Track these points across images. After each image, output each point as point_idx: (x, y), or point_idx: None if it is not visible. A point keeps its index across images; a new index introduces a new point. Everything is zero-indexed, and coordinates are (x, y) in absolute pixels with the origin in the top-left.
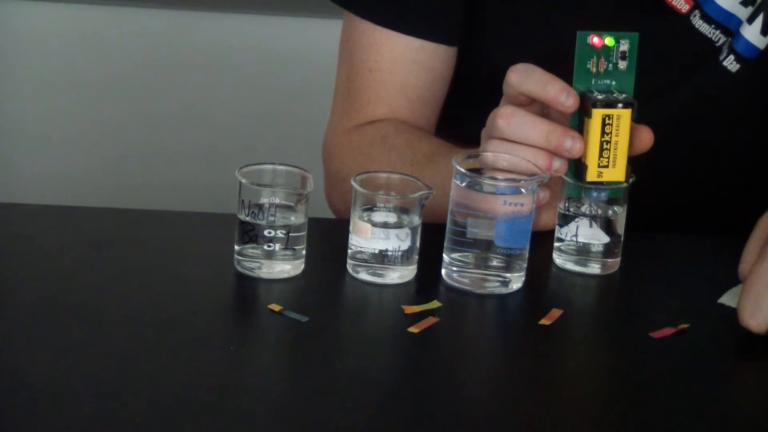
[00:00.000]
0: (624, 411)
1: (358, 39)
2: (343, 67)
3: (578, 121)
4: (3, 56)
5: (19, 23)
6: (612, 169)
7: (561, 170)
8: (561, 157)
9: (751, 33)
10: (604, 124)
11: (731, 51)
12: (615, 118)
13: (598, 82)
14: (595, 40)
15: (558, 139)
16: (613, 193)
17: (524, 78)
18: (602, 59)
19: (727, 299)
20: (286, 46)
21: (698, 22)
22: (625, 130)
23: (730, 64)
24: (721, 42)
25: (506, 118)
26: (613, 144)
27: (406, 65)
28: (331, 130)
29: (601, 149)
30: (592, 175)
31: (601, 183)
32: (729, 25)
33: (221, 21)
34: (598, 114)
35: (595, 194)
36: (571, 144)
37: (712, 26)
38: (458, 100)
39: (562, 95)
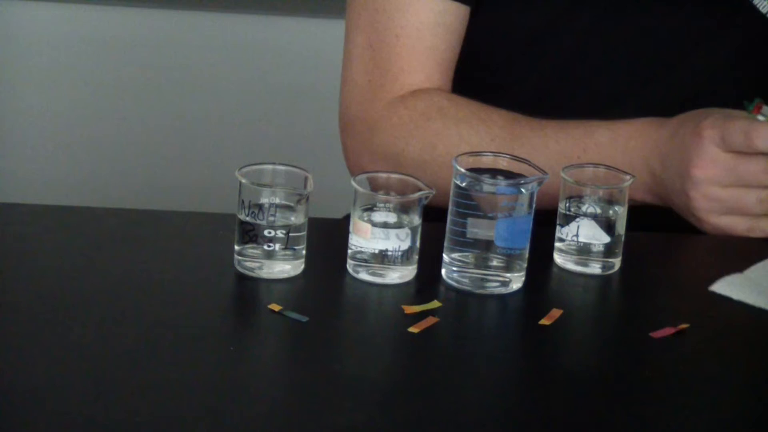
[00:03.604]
0: (624, 411)
1: (380, 5)
2: (362, 36)
3: None
4: (3, 56)
5: (19, 23)
6: None
7: None
8: None
9: None
10: None
11: None
12: None
13: None
14: None
15: None
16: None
17: None
18: None
19: (719, 287)
20: (286, 46)
21: None
22: None
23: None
24: None
25: None
26: None
27: (432, 29)
28: (362, 102)
29: None
30: None
31: None
32: None
33: (221, 21)
34: None
35: None
36: None
37: None
38: (481, 68)
39: None
